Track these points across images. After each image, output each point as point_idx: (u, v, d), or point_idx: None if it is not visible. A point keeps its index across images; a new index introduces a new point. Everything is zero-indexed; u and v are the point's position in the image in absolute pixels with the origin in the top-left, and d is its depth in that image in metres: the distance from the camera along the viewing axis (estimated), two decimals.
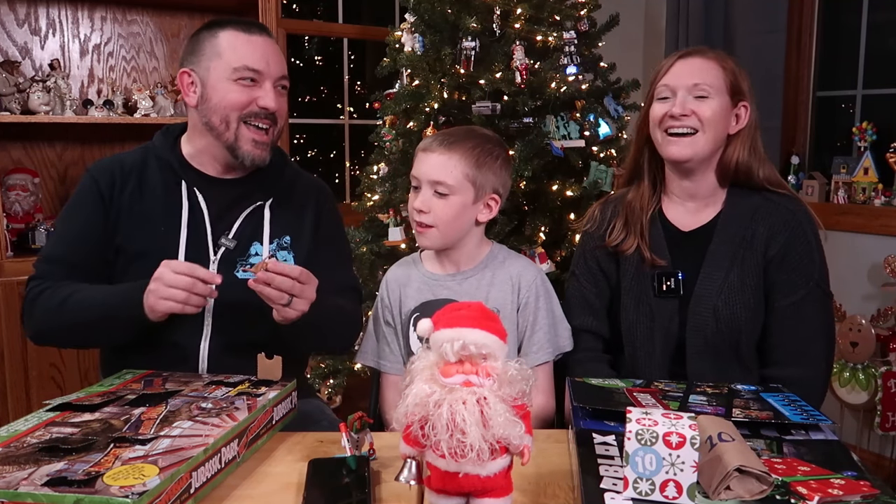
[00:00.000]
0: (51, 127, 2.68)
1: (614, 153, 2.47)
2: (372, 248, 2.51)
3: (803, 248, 1.44)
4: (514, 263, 1.52)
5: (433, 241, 1.46)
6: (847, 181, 2.92)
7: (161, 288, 1.24)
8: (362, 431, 1.07)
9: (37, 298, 1.38)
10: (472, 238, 1.50)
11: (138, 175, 1.45)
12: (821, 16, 3.14)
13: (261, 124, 1.42)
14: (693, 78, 1.43)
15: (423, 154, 1.45)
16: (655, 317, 1.46)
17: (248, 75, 1.39)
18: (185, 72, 1.44)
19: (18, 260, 2.44)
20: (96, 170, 1.46)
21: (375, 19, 3.87)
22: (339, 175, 3.75)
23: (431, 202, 1.42)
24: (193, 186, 1.45)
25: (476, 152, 1.43)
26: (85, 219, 1.43)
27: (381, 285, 1.57)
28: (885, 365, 2.62)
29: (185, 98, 1.45)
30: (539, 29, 2.40)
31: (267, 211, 1.48)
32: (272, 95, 1.40)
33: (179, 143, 1.50)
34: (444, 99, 2.38)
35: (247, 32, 1.41)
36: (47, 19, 2.72)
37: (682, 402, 1.14)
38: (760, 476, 0.85)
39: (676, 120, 1.43)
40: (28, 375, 2.45)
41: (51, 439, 0.98)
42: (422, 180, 1.43)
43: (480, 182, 1.43)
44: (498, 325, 0.85)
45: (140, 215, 1.43)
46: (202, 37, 1.43)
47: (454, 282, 1.50)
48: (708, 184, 1.50)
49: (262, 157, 1.43)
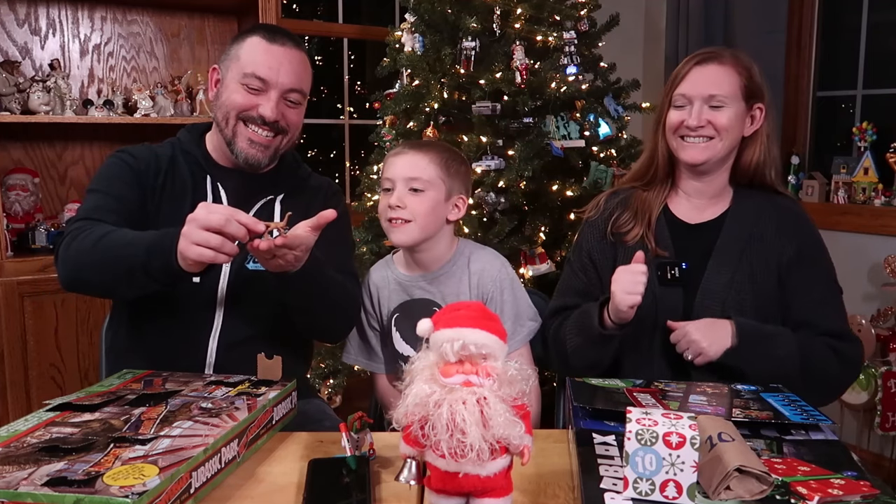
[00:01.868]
0: (51, 127, 2.68)
1: (614, 153, 2.48)
2: (372, 247, 2.52)
3: (816, 248, 1.48)
4: (478, 258, 1.55)
5: (410, 236, 1.49)
6: (847, 181, 2.92)
7: (194, 231, 1.14)
8: (362, 431, 1.06)
9: (74, 240, 1.31)
10: (442, 237, 1.54)
11: (169, 165, 1.48)
12: (821, 16, 3.15)
13: (259, 130, 1.43)
14: (709, 89, 1.44)
15: (395, 157, 1.52)
16: (659, 305, 1.46)
17: (254, 83, 1.41)
18: (214, 68, 1.50)
19: (18, 260, 2.44)
20: (132, 152, 1.47)
21: (375, 19, 3.87)
22: (339, 175, 3.75)
23: (406, 198, 1.47)
24: (217, 181, 1.49)
25: (445, 156, 1.51)
26: (124, 191, 1.42)
27: (363, 290, 1.61)
28: (885, 365, 2.62)
29: (209, 91, 1.52)
30: (539, 29, 2.40)
31: (278, 205, 1.51)
32: (272, 105, 1.42)
33: (204, 139, 1.54)
34: (444, 99, 2.38)
35: (269, 41, 1.43)
36: (47, 19, 2.72)
37: (682, 402, 1.14)
38: (760, 476, 0.85)
39: (693, 130, 1.46)
40: (28, 375, 2.45)
41: (51, 439, 0.98)
42: (396, 179, 1.49)
43: (449, 183, 1.51)
44: (498, 325, 0.85)
45: (170, 202, 1.45)
46: (237, 38, 1.48)
47: (425, 282, 1.55)
48: (719, 183, 1.52)
49: (257, 157, 1.44)
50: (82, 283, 1.34)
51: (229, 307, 1.44)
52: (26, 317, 2.43)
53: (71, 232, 1.32)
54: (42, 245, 2.56)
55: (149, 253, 1.21)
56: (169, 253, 1.18)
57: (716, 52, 1.48)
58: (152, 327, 1.44)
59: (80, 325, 2.55)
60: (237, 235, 1.15)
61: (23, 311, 2.42)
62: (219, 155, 1.51)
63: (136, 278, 1.23)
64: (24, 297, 2.42)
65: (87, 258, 1.27)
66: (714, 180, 1.52)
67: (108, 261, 1.25)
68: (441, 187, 1.49)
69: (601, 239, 1.56)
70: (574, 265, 1.61)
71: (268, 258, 1.22)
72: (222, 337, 1.43)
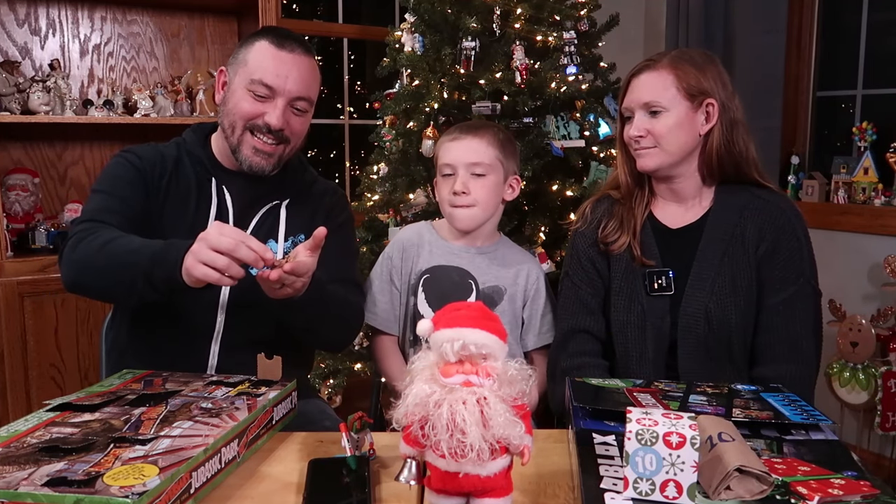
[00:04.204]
0: (51, 127, 2.68)
1: (614, 153, 2.47)
2: (372, 248, 2.52)
3: (793, 245, 1.44)
4: (523, 255, 1.68)
5: (475, 219, 1.56)
6: (847, 181, 2.92)
7: (203, 250, 1.13)
8: (362, 431, 1.06)
9: (80, 242, 1.29)
10: (496, 217, 1.62)
11: (175, 166, 1.47)
12: (821, 16, 3.14)
13: (264, 138, 1.42)
14: (643, 97, 1.45)
15: (453, 142, 1.55)
16: (647, 316, 1.46)
17: (261, 90, 1.39)
18: (222, 70, 1.48)
19: (18, 260, 2.44)
20: (138, 152, 1.46)
21: (375, 19, 3.87)
22: (339, 175, 3.75)
23: (470, 183, 1.52)
24: (223, 185, 1.48)
25: (500, 137, 1.56)
26: (127, 192, 1.40)
27: (391, 246, 1.64)
28: (885, 365, 2.62)
29: (215, 94, 1.50)
30: (539, 29, 2.40)
31: (283, 210, 1.50)
32: (279, 114, 1.40)
33: (210, 141, 1.53)
34: (444, 99, 2.38)
35: (278, 46, 1.41)
36: (47, 19, 2.72)
37: (682, 402, 1.14)
38: (760, 476, 0.85)
39: (636, 141, 1.46)
40: (28, 375, 2.45)
41: (51, 439, 0.98)
42: (457, 165, 1.53)
43: (506, 164, 1.56)
44: (498, 325, 0.85)
45: (173, 205, 1.44)
46: (246, 41, 1.46)
47: (468, 254, 1.60)
48: (692, 184, 1.50)
49: (261, 165, 1.43)
50: (84, 287, 1.33)
51: (231, 311, 1.43)
52: (26, 317, 2.43)
53: (77, 234, 1.31)
54: (42, 245, 2.56)
55: (153, 263, 1.20)
56: (173, 266, 1.17)
57: (651, 60, 1.47)
58: (153, 329, 1.43)
59: (80, 325, 2.55)
60: (246, 260, 1.14)
61: (23, 311, 2.42)
62: (224, 158, 1.50)
63: (136, 286, 1.22)
64: (24, 297, 2.42)
65: (91, 262, 1.26)
66: (684, 182, 1.50)
67: (112, 266, 1.25)
68: (500, 169, 1.54)
69: (595, 247, 1.54)
70: (575, 279, 1.56)
71: (276, 287, 1.21)
72: (224, 340, 1.43)
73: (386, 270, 1.63)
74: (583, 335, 1.53)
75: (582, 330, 1.53)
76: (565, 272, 1.60)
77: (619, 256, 1.50)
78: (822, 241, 1.51)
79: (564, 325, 1.55)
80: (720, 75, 1.46)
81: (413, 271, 1.60)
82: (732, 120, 1.45)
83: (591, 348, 1.53)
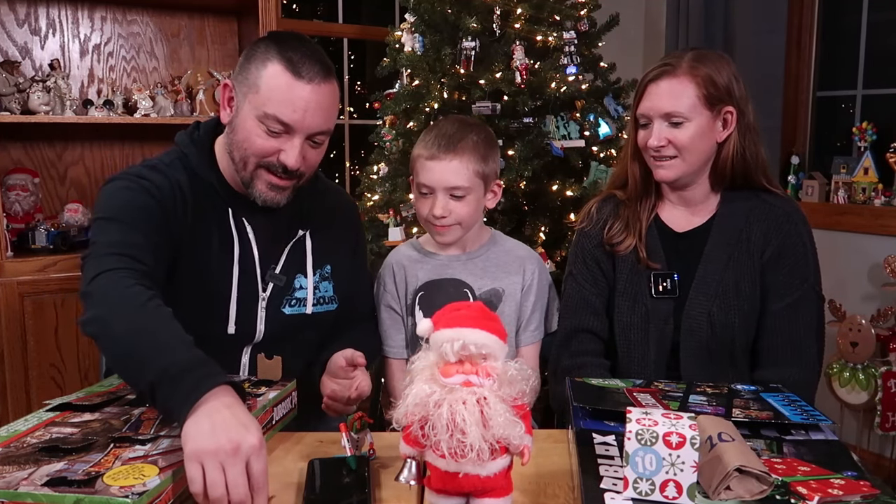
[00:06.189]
0: (51, 127, 2.68)
1: (614, 153, 2.47)
2: (372, 248, 2.52)
3: (799, 250, 1.44)
4: (518, 247, 1.62)
5: (456, 236, 1.53)
6: (847, 181, 2.92)
7: (215, 470, 0.87)
8: (362, 431, 1.07)
9: (117, 283, 1.10)
10: (479, 222, 1.58)
11: (192, 196, 1.31)
12: (821, 16, 3.14)
13: (279, 174, 1.28)
14: (664, 106, 1.41)
15: (430, 162, 1.46)
16: (651, 318, 1.46)
17: (275, 126, 1.23)
18: (226, 84, 1.31)
19: (18, 260, 2.44)
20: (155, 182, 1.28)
21: (375, 19, 3.87)
22: (339, 175, 3.75)
23: (450, 206, 1.47)
24: (241, 217, 1.35)
25: (479, 152, 1.48)
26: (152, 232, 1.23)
27: (382, 272, 1.61)
28: (885, 365, 2.62)
29: (220, 111, 1.32)
30: (539, 29, 2.40)
31: (308, 241, 1.41)
32: (296, 153, 1.25)
33: (215, 159, 1.37)
34: (444, 99, 2.38)
35: (294, 75, 1.22)
36: (47, 19, 2.72)
37: (682, 402, 1.14)
38: (760, 476, 0.85)
39: (655, 150, 1.43)
40: (28, 375, 2.45)
41: (51, 439, 0.98)
42: (435, 188, 1.47)
43: (486, 174, 1.50)
44: (498, 325, 0.85)
45: (195, 241, 1.30)
46: (256, 56, 1.26)
47: (459, 262, 1.56)
48: (701, 190, 1.50)
49: (276, 199, 1.31)
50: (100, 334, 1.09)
51: (261, 349, 1.37)
52: (26, 317, 2.43)
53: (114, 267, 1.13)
54: (42, 245, 2.55)
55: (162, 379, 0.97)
56: (182, 402, 0.94)
57: (669, 66, 1.42)
58: None
59: None
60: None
61: (23, 311, 2.42)
62: (235, 182, 1.35)
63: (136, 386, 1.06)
64: (24, 297, 2.41)
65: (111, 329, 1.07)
66: (695, 188, 1.49)
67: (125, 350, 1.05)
68: (480, 185, 1.50)
69: (600, 247, 1.54)
70: (579, 279, 1.55)
71: None
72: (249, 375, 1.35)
73: (385, 300, 1.58)
74: (586, 335, 1.53)
75: (585, 329, 1.53)
76: (569, 272, 1.59)
77: (625, 258, 1.50)
78: (822, 241, 1.51)
79: (567, 324, 1.55)
80: (737, 80, 1.44)
81: (408, 291, 1.56)
82: (748, 126, 1.45)
83: (594, 348, 1.53)
